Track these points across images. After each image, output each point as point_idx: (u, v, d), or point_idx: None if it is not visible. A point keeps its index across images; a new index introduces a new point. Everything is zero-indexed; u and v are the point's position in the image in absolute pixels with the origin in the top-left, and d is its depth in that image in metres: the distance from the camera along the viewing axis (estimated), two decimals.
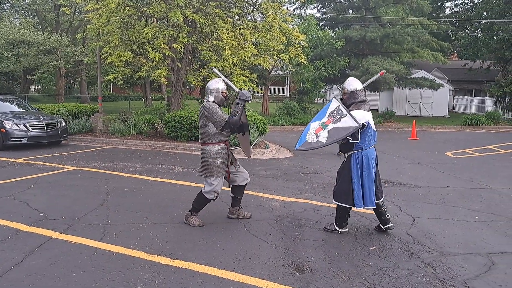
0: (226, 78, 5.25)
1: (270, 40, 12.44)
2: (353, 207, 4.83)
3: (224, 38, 12.13)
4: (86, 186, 7.19)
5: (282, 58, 13.62)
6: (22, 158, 9.98)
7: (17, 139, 11.35)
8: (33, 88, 36.59)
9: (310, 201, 6.45)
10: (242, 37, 12.23)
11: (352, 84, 4.92)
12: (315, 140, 4.66)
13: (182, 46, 11.92)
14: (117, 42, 12.71)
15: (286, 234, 4.92)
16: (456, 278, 3.81)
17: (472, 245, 4.66)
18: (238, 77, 12.43)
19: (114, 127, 14.12)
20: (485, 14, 28.58)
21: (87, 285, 3.59)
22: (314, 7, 29.28)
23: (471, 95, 31.77)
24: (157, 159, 10.17)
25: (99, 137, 13.91)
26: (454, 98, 32.03)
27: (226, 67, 12.13)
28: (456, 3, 33.69)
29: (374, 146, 4.87)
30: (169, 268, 3.95)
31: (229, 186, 5.38)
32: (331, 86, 25.95)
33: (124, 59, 12.24)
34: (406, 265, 4.08)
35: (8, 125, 11.31)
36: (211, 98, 4.99)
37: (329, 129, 4.62)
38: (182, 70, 13.19)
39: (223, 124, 4.86)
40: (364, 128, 4.69)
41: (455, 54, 37.37)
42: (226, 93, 5.09)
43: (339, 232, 4.93)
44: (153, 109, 15.07)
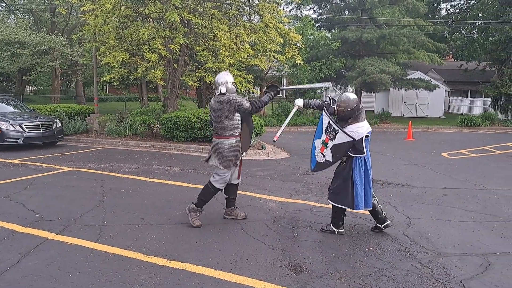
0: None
1: (266, 41, 12.47)
2: (352, 209, 4.82)
3: (220, 39, 12.13)
4: (82, 187, 7.16)
5: (278, 59, 13.66)
6: (18, 159, 9.93)
7: (12, 140, 11.28)
8: (28, 88, 36.47)
9: (306, 201, 6.45)
10: (238, 37, 12.24)
11: (347, 101, 4.74)
12: (324, 160, 4.86)
13: (179, 47, 11.91)
14: (113, 43, 12.68)
15: (283, 235, 4.92)
16: (452, 278, 3.83)
17: (468, 245, 4.68)
18: (234, 77, 12.41)
19: (110, 128, 14.08)
20: (480, 15, 28.71)
21: (84, 286, 3.58)
22: (310, 8, 29.41)
23: (467, 96, 31.88)
24: (153, 160, 10.14)
25: (95, 137, 13.85)
26: (449, 99, 32.16)
27: (223, 68, 12.12)
28: (451, 5, 33.89)
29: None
30: (165, 269, 3.94)
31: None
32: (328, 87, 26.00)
33: (120, 60, 12.20)
34: (402, 265, 4.09)
35: (3, 125, 11.25)
36: (224, 89, 5.04)
37: (330, 147, 4.77)
38: (179, 71, 13.17)
39: (252, 107, 5.07)
40: (367, 138, 4.74)
41: (451, 55, 37.50)
42: (234, 82, 5.24)
43: (336, 232, 4.93)
44: (149, 109, 15.04)
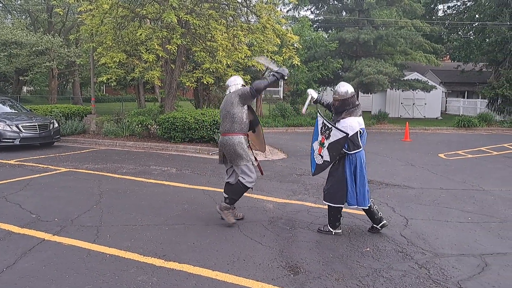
0: (266, 59, 5.98)
1: (264, 41, 12.46)
2: (345, 207, 4.86)
3: (218, 40, 12.13)
4: (79, 188, 7.14)
5: (276, 59, 13.65)
6: (15, 160, 9.89)
7: (9, 140, 11.24)
8: (25, 89, 36.41)
9: (304, 202, 6.45)
10: (236, 38, 12.24)
11: (342, 90, 4.87)
12: (322, 161, 4.88)
13: (176, 47, 11.91)
14: (110, 43, 12.66)
15: (280, 236, 4.92)
16: (449, 279, 3.83)
17: (465, 246, 4.69)
18: None
19: (107, 129, 14.05)
20: (477, 16, 28.76)
21: (80, 287, 3.57)
22: (307, 9, 29.46)
23: (464, 97, 31.99)
24: (150, 161, 10.13)
25: (92, 138, 13.81)
26: (446, 100, 32.27)
27: (220, 69, 12.13)
28: (448, 6, 33.92)
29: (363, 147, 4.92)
30: (163, 270, 3.93)
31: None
32: (325, 87, 26.03)
33: (117, 60, 12.18)
34: (400, 266, 4.10)
35: (0, 126, 11.23)
36: (233, 90, 5.22)
37: (326, 146, 4.79)
38: (176, 71, 13.16)
39: (254, 91, 5.07)
40: (361, 133, 4.78)
41: (448, 56, 37.64)
42: (244, 85, 5.36)
43: (333, 233, 4.94)
44: (146, 110, 15.03)
